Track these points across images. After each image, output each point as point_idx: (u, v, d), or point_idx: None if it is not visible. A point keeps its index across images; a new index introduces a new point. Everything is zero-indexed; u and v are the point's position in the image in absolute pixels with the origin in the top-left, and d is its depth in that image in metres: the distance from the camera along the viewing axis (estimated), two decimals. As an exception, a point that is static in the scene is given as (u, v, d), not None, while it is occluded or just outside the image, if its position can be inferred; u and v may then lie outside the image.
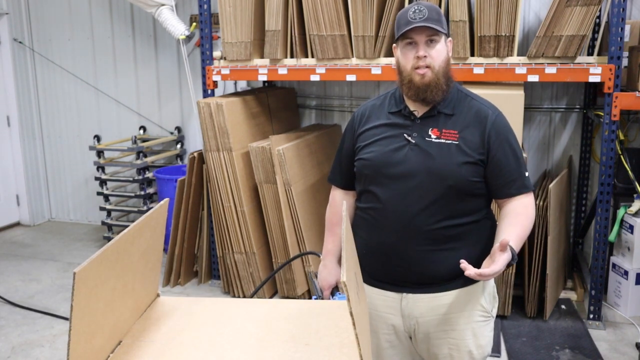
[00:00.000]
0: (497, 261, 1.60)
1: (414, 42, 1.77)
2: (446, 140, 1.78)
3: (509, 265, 1.65)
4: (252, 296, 2.69)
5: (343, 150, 2.01)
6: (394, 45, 1.86)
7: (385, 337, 1.92)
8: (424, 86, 1.76)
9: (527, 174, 1.85)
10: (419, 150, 1.79)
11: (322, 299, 2.04)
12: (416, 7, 1.76)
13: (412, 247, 1.79)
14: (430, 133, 1.80)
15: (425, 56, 1.75)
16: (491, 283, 1.92)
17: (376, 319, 1.90)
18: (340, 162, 2.03)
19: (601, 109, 3.55)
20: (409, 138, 1.81)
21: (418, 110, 1.83)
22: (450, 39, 1.85)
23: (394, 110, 1.87)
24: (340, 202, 2.04)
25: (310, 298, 3.91)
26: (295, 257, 3.31)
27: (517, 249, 1.69)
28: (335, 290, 2.03)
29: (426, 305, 1.84)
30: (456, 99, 1.84)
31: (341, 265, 1.91)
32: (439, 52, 1.77)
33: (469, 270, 1.59)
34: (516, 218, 1.79)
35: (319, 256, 2.12)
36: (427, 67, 1.75)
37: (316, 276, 2.12)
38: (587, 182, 4.28)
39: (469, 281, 1.83)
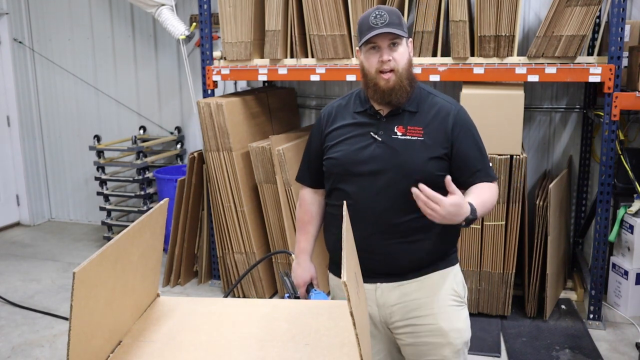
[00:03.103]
0: (449, 198, 1.66)
1: (377, 47, 1.82)
2: (411, 137, 1.85)
3: (467, 221, 1.70)
4: (226, 296, 2.71)
5: (311, 150, 2.07)
6: (357, 49, 1.91)
7: None
8: (389, 90, 1.82)
9: (490, 164, 1.93)
10: (386, 147, 1.85)
11: (296, 297, 2.08)
12: (377, 12, 1.81)
13: (383, 241, 1.85)
14: (395, 130, 1.86)
15: (389, 60, 1.81)
16: (459, 271, 2.00)
17: None
18: (309, 161, 2.08)
19: (601, 109, 3.55)
20: (375, 136, 1.87)
21: (383, 109, 1.89)
22: (410, 39, 1.91)
23: (360, 110, 1.93)
24: (310, 201, 2.10)
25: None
26: (266, 257, 3.33)
27: (479, 209, 1.75)
28: (310, 287, 2.07)
29: (399, 292, 1.90)
30: (419, 97, 1.90)
31: (341, 265, 1.93)
32: (402, 55, 1.83)
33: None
34: (478, 189, 1.86)
35: (291, 255, 2.16)
36: (391, 70, 1.81)
37: (287, 275, 2.15)
38: (587, 182, 4.28)
39: (438, 267, 1.92)
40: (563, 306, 3.82)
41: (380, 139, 1.86)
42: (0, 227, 5.71)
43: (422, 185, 1.66)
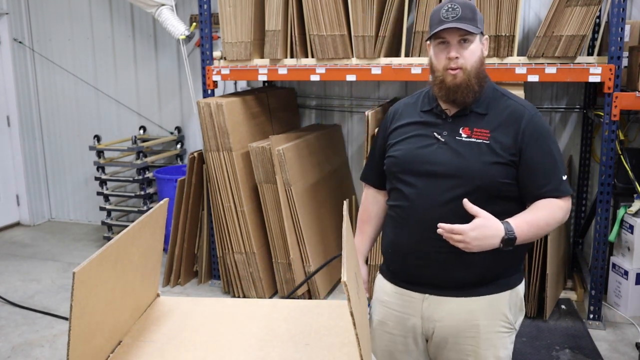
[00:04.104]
0: (470, 223, 1.59)
1: (446, 42, 1.73)
2: (477, 139, 1.73)
3: (505, 242, 1.60)
4: (287, 297, 2.64)
5: (376, 148, 1.97)
6: (427, 42, 1.80)
7: (402, 339, 1.86)
8: (455, 87, 1.72)
9: (564, 177, 1.75)
10: (448, 148, 1.74)
11: None
12: (449, 5, 1.71)
13: (437, 248, 1.72)
14: (461, 132, 1.75)
15: (457, 57, 1.71)
16: (519, 295, 1.84)
17: (394, 320, 1.86)
18: (373, 160, 1.99)
19: (601, 109, 3.55)
20: (439, 136, 1.77)
21: (450, 109, 1.79)
22: (486, 36, 1.80)
23: (426, 108, 1.83)
24: (371, 201, 2.02)
25: (310, 298, 3.91)
26: (331, 260, 3.13)
27: (519, 229, 1.62)
28: None
29: (448, 309, 1.77)
30: (491, 98, 1.80)
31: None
32: (472, 53, 1.73)
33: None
34: (534, 208, 1.71)
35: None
36: (459, 68, 1.71)
37: None
38: (587, 182, 4.28)
39: (495, 289, 1.78)
40: (563, 306, 3.82)
41: (443, 140, 1.76)
42: (0, 227, 5.70)
43: (440, 224, 1.60)
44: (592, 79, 3.34)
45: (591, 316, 3.60)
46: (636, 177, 3.58)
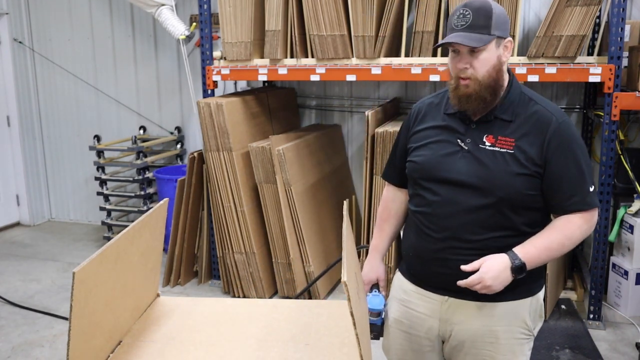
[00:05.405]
0: (479, 271, 1.63)
1: (457, 50, 1.67)
2: (501, 148, 1.67)
3: (514, 270, 1.63)
4: (297, 297, 2.66)
5: (398, 147, 1.94)
6: None
7: (417, 339, 1.85)
8: (465, 96, 1.67)
9: (591, 188, 1.69)
10: (471, 157, 1.70)
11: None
12: (461, 12, 1.64)
13: (457, 256, 1.70)
14: (484, 140, 1.70)
15: (465, 68, 1.65)
16: (540, 302, 1.83)
17: (411, 319, 1.85)
18: (394, 159, 1.96)
19: (601, 109, 3.55)
20: (462, 144, 1.72)
21: (474, 114, 1.74)
22: (509, 39, 1.71)
23: (451, 112, 1.78)
24: (392, 199, 1.99)
25: (310, 298, 3.91)
26: (339, 260, 3.17)
27: (527, 254, 1.63)
28: (374, 287, 1.99)
29: (467, 313, 1.76)
30: (517, 103, 1.72)
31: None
32: (483, 62, 1.64)
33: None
34: (547, 230, 1.70)
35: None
36: (469, 78, 1.66)
37: None
38: (587, 182, 4.27)
39: (516, 296, 1.75)
40: (563, 306, 3.82)
41: (466, 148, 1.71)
42: (0, 227, 5.70)
43: (459, 282, 1.64)
44: (592, 79, 3.34)
45: (591, 316, 3.60)
46: (636, 177, 3.58)
